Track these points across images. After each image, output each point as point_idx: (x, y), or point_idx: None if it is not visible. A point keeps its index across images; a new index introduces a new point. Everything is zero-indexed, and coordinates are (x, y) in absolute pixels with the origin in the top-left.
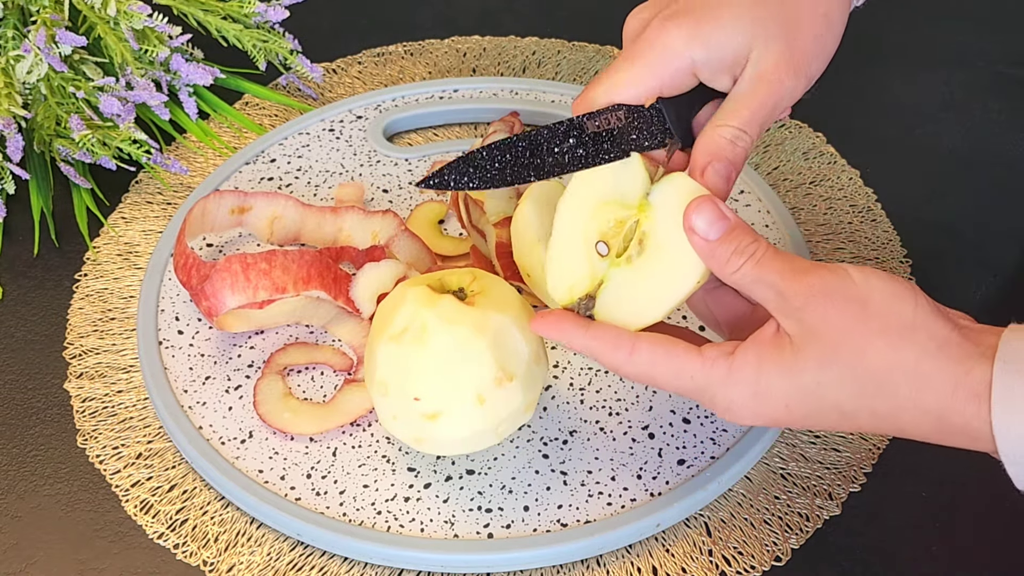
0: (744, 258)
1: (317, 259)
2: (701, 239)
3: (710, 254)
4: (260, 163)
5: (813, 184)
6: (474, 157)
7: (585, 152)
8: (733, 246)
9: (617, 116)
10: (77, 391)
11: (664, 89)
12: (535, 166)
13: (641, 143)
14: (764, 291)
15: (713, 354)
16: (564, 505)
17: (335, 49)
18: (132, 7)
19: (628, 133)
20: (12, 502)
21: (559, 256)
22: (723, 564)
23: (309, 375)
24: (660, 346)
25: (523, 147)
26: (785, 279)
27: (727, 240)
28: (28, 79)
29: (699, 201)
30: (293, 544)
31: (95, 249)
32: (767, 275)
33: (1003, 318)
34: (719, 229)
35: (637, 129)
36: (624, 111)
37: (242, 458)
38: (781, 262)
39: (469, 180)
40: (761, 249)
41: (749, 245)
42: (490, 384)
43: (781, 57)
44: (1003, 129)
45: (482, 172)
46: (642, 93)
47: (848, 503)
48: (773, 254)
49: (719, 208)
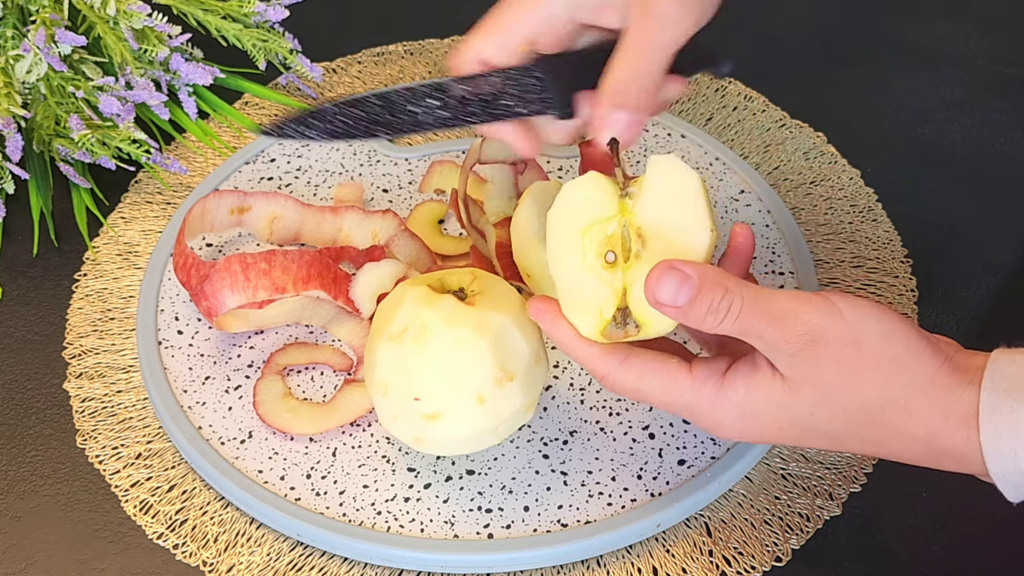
0: (721, 316)
1: (317, 259)
2: (671, 309)
3: (685, 318)
4: (260, 163)
5: (814, 184)
6: (322, 111)
7: (451, 115)
8: (706, 306)
9: (490, 82)
10: (76, 391)
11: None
12: (387, 122)
13: (515, 109)
14: (752, 340)
15: (703, 374)
16: (564, 505)
17: (335, 49)
18: (132, 7)
19: (501, 98)
20: (11, 502)
21: (573, 294)
22: (723, 564)
23: (309, 375)
24: (652, 359)
25: (377, 105)
26: (771, 328)
27: (697, 303)
28: (27, 79)
29: (657, 273)
30: (293, 544)
31: (94, 249)
32: (750, 329)
33: (1003, 318)
34: (686, 294)
35: (512, 96)
36: (501, 77)
37: (242, 458)
38: (761, 312)
39: (310, 130)
40: (736, 302)
41: (721, 302)
42: (490, 384)
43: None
44: (1004, 129)
45: (327, 125)
46: (514, 40)
47: (848, 503)
48: (751, 305)
49: (680, 271)
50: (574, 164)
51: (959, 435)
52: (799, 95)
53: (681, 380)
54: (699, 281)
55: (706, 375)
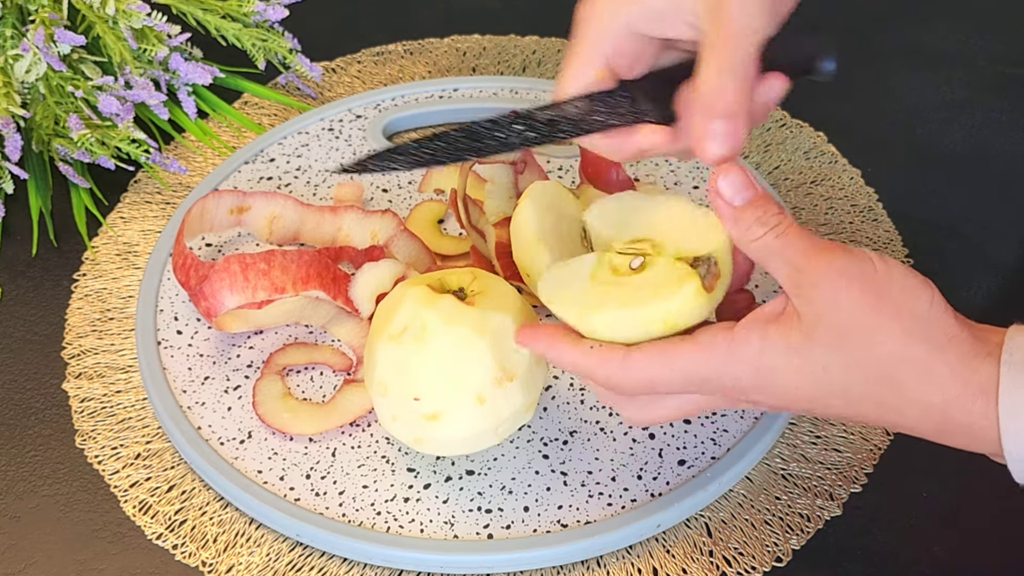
0: (766, 228)
1: (316, 259)
2: (726, 204)
3: (733, 219)
4: (259, 162)
5: (814, 184)
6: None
7: (538, 135)
8: (757, 214)
9: (575, 105)
10: (76, 391)
11: (611, 59)
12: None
13: (607, 122)
14: (780, 265)
15: (707, 337)
16: (564, 506)
17: (335, 48)
18: (131, 6)
19: (591, 115)
20: (11, 502)
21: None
22: (724, 565)
23: (308, 375)
24: (652, 347)
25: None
26: (804, 256)
27: (751, 208)
28: (27, 78)
29: (728, 166)
30: (292, 545)
31: (94, 249)
32: (786, 249)
33: (1003, 318)
34: (745, 197)
35: (603, 112)
36: (586, 100)
37: (241, 458)
38: (803, 239)
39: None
40: (785, 223)
41: (773, 216)
42: (490, 384)
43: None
44: (1004, 129)
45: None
46: (592, 75)
47: (849, 503)
48: (797, 231)
49: (747, 177)
50: (574, 164)
51: (976, 407)
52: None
53: (686, 352)
54: (761, 192)
55: (712, 335)
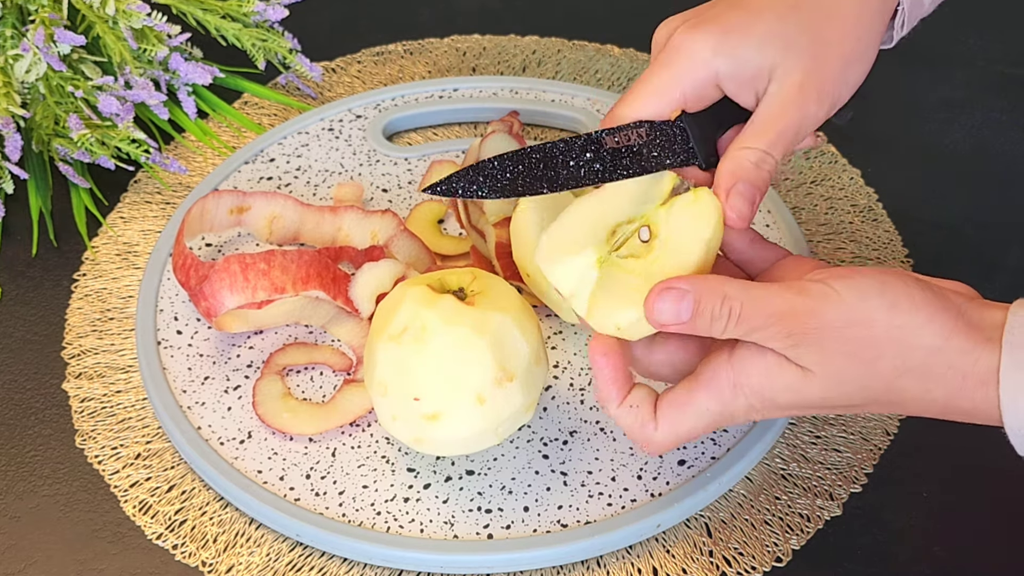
0: (723, 320)
1: (316, 259)
2: (676, 327)
3: (694, 331)
4: (259, 162)
5: (814, 184)
6: (485, 166)
7: (602, 167)
8: (708, 315)
9: (638, 133)
10: (76, 391)
11: (687, 99)
12: (548, 178)
13: (663, 161)
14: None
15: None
16: (564, 506)
17: (334, 48)
18: (131, 6)
19: (650, 150)
20: (11, 502)
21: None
22: (724, 565)
23: (308, 375)
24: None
25: (536, 159)
26: (776, 323)
27: (699, 315)
28: (27, 78)
29: (654, 296)
30: (292, 545)
31: (94, 249)
32: (754, 327)
33: None
34: (687, 310)
35: (659, 146)
36: (647, 127)
37: (241, 458)
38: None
39: (478, 188)
40: (736, 305)
41: (722, 308)
42: (490, 384)
43: (807, 79)
44: (1004, 129)
45: (492, 181)
46: (666, 104)
47: (849, 504)
48: (751, 307)
49: (675, 289)
50: None
51: (978, 396)
52: None
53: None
54: (696, 294)
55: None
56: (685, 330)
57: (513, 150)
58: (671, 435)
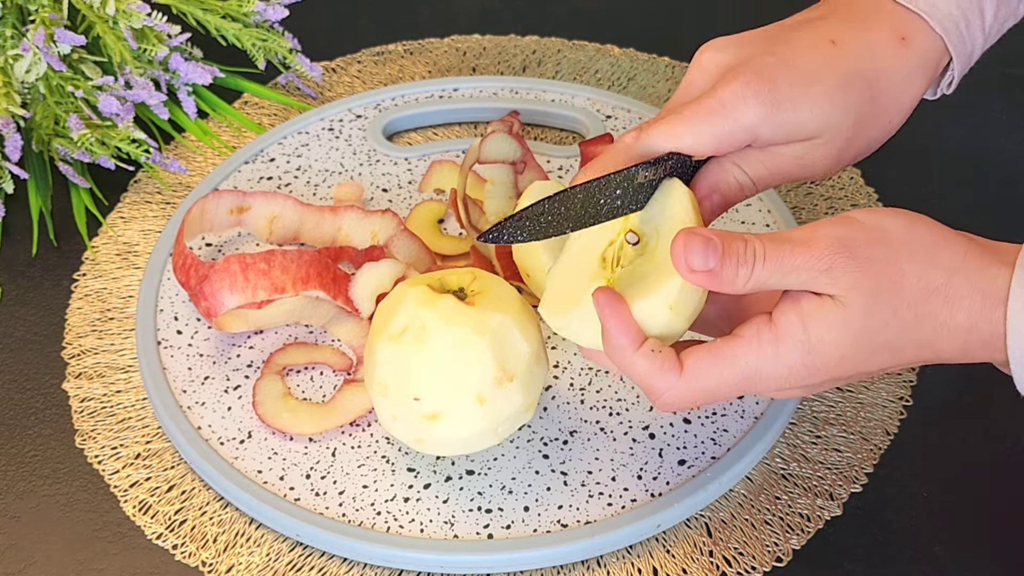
0: (751, 263)
1: (316, 259)
2: (705, 275)
3: (719, 281)
4: (259, 162)
5: (814, 183)
6: (533, 211)
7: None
8: (735, 259)
9: (666, 167)
10: (75, 391)
11: (720, 149)
12: (591, 215)
13: None
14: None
15: (751, 331)
16: (564, 505)
17: (335, 48)
18: (131, 6)
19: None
20: (11, 502)
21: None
22: (724, 565)
23: (308, 375)
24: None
25: (579, 199)
26: (799, 254)
27: (727, 260)
28: (27, 78)
29: (683, 239)
30: (292, 545)
31: (94, 249)
32: (780, 263)
33: None
34: (714, 255)
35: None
36: (673, 162)
37: (241, 458)
38: (784, 244)
39: (525, 234)
40: (759, 245)
41: (746, 251)
42: (490, 384)
43: (841, 155)
44: (1005, 129)
45: (538, 225)
46: (697, 150)
47: (849, 504)
48: (772, 243)
49: (702, 235)
50: (574, 164)
51: (996, 316)
52: None
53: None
54: (720, 238)
55: (755, 330)
56: (713, 281)
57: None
58: (693, 385)
